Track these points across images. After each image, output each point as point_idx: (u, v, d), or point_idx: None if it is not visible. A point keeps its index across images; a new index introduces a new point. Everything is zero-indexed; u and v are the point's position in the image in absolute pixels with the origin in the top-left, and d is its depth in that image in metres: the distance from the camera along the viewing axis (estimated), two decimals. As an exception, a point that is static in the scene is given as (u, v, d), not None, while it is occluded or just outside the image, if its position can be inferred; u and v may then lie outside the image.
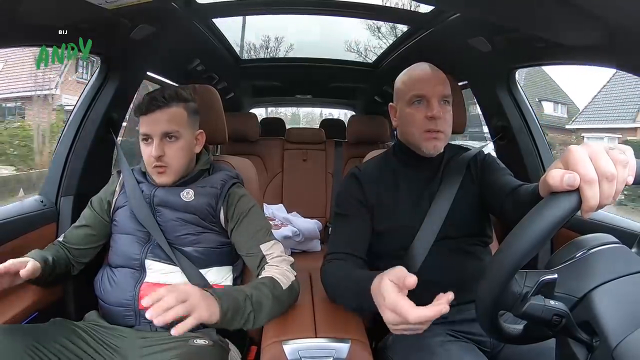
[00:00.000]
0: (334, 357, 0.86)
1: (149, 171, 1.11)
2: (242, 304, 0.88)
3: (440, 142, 1.04)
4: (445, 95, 1.03)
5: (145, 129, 1.07)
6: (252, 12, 1.71)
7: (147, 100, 1.07)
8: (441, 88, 1.03)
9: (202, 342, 0.99)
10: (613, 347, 0.46)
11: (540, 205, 0.50)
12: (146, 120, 1.07)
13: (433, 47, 1.63)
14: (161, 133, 1.06)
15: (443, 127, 1.03)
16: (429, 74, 1.04)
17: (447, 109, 1.04)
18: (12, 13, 0.89)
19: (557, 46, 1.10)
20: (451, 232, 1.01)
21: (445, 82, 1.04)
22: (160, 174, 1.09)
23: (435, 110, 1.01)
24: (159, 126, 1.06)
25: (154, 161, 1.07)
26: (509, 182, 0.98)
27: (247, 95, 3.31)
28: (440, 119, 1.02)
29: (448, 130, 1.05)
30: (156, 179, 1.10)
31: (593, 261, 0.54)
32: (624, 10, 0.78)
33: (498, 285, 0.51)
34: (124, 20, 1.17)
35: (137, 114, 1.08)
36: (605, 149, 0.49)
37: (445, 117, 1.03)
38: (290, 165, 2.57)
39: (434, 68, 1.06)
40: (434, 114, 1.00)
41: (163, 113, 1.06)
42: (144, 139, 1.08)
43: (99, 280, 1.11)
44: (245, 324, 0.89)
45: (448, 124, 1.04)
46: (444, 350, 0.88)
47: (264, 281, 0.96)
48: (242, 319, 0.88)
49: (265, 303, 0.91)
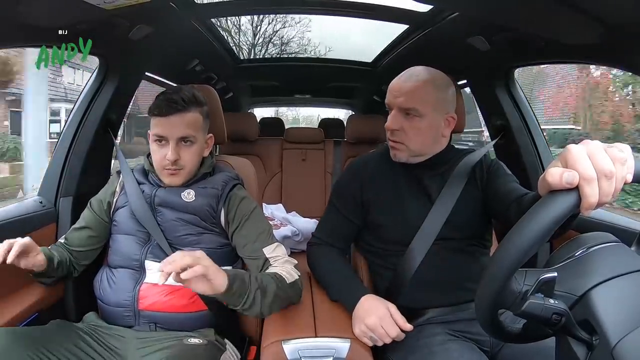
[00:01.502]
0: (334, 356, 0.86)
1: (159, 172, 1.10)
2: (247, 281, 0.88)
3: (400, 153, 1.05)
4: (405, 108, 1.01)
5: (160, 131, 1.05)
6: (250, 12, 1.71)
7: (165, 101, 1.04)
8: (401, 100, 1.01)
9: (196, 341, 1.00)
10: (613, 345, 0.46)
11: (540, 203, 0.50)
12: (162, 122, 1.04)
13: (432, 46, 1.63)
14: (178, 137, 1.05)
15: (400, 138, 1.03)
16: (398, 84, 1.03)
17: (412, 122, 1.02)
18: (12, 13, 0.89)
19: (556, 45, 1.10)
20: (452, 233, 1.02)
21: (411, 95, 1.00)
22: (172, 175, 1.08)
23: (389, 121, 1.03)
24: (176, 130, 1.04)
25: (168, 164, 1.06)
26: (515, 190, 0.97)
27: (246, 95, 3.31)
28: (396, 131, 1.02)
29: (412, 143, 1.03)
30: (166, 180, 1.10)
31: (593, 260, 0.55)
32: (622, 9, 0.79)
33: (498, 283, 0.52)
34: (123, 21, 1.16)
35: (153, 114, 1.05)
36: (604, 147, 0.49)
37: (406, 130, 1.02)
38: (289, 165, 2.57)
39: (413, 78, 1.02)
40: (386, 124, 1.03)
41: (181, 117, 1.05)
42: (158, 140, 1.06)
43: (98, 281, 1.11)
44: (251, 306, 0.88)
45: (408, 136, 1.02)
46: (443, 350, 0.88)
47: (268, 273, 0.97)
48: (247, 297, 0.87)
49: (269, 289, 0.91)
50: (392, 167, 1.09)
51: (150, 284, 1.05)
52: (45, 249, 1.02)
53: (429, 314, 1.01)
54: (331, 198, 1.16)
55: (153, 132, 1.06)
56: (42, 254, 0.98)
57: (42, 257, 0.98)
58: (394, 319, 0.90)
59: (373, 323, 0.89)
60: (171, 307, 1.05)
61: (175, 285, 1.05)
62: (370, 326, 0.89)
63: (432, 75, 1.02)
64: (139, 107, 8.50)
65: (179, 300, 1.05)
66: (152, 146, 1.08)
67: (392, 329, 0.89)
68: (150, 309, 1.04)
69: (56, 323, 1.01)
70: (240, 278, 0.86)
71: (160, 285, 1.05)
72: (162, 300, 1.04)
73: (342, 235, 1.14)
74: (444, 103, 1.03)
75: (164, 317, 1.05)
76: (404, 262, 1.01)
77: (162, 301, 1.04)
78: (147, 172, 1.16)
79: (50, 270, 1.02)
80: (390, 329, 0.89)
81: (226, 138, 1.32)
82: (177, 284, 1.05)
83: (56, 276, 1.05)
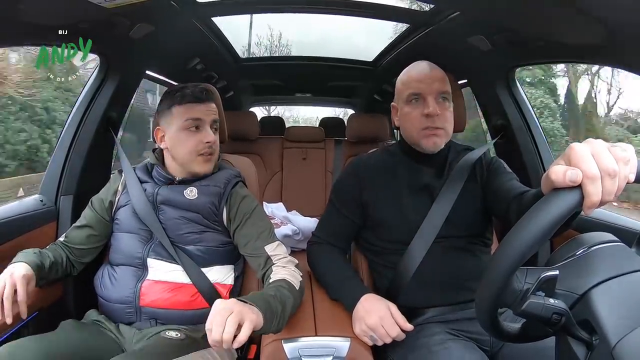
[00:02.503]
0: (334, 355, 0.86)
1: (191, 162, 1.10)
2: (273, 304, 0.84)
3: (439, 139, 1.04)
4: (442, 91, 1.03)
5: (197, 114, 1.09)
6: (251, 10, 1.71)
7: (197, 89, 1.11)
8: (438, 85, 1.03)
9: (174, 335, 1.01)
10: (612, 345, 0.46)
11: (543, 201, 0.50)
12: (198, 108, 1.09)
13: (432, 45, 1.63)
14: (212, 120, 1.11)
15: (442, 123, 1.03)
16: (426, 72, 1.04)
17: (446, 106, 1.04)
18: (12, 13, 0.89)
19: (557, 45, 1.10)
20: (452, 231, 1.02)
21: (443, 79, 1.04)
22: (207, 161, 1.11)
23: (431, 107, 1.01)
24: (212, 113, 1.11)
25: (204, 148, 1.08)
26: (515, 187, 0.97)
27: (247, 94, 3.31)
28: (437, 116, 1.02)
29: (448, 127, 1.05)
30: (201, 168, 1.11)
31: (593, 259, 0.55)
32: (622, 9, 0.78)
33: (500, 280, 0.51)
34: (123, 19, 1.16)
35: (186, 102, 1.09)
36: (607, 146, 0.49)
37: (444, 114, 1.03)
38: (290, 164, 2.57)
39: (432, 66, 1.06)
40: (429, 111, 1.01)
41: (211, 105, 1.13)
42: (194, 125, 1.08)
43: (99, 278, 1.11)
44: (278, 325, 0.85)
45: (447, 120, 1.04)
46: (443, 349, 0.88)
47: (280, 283, 0.95)
48: (276, 319, 0.83)
49: (287, 303, 0.89)
50: (392, 166, 1.09)
51: (152, 281, 1.06)
52: (33, 255, 0.99)
53: (429, 313, 1.01)
54: (331, 197, 1.16)
55: (187, 118, 1.08)
56: (23, 279, 0.91)
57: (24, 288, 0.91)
58: (394, 319, 0.91)
59: (374, 323, 0.89)
60: (173, 304, 1.05)
61: (177, 282, 1.06)
62: (370, 326, 0.89)
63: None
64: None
65: (181, 297, 1.05)
66: (182, 135, 1.09)
67: (393, 328, 0.89)
68: (151, 305, 1.04)
69: (64, 325, 1.01)
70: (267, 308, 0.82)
71: (162, 283, 1.05)
72: (164, 297, 1.05)
73: (342, 234, 1.14)
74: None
75: (166, 314, 1.05)
76: (404, 261, 1.01)
77: (164, 298, 1.05)
78: (150, 169, 1.16)
79: (42, 275, 0.99)
80: (390, 328, 0.89)
81: (227, 137, 1.32)
82: (180, 281, 1.06)
83: (48, 279, 1.02)
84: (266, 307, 0.81)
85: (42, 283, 1.02)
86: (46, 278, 1.01)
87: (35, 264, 0.97)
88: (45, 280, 1.01)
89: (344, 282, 1.03)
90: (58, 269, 1.06)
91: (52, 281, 1.06)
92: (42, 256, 1.01)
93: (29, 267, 0.94)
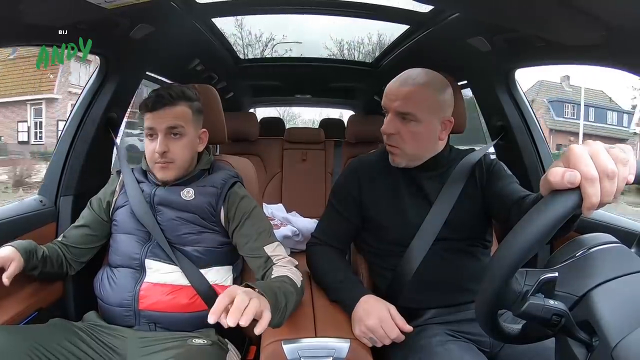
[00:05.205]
0: (334, 356, 0.85)
1: (151, 167, 1.11)
2: (279, 297, 0.84)
3: (397, 157, 1.04)
4: (400, 112, 1.00)
5: (150, 123, 1.08)
6: (251, 11, 1.71)
7: (154, 96, 1.08)
8: (398, 104, 1.00)
9: (201, 342, 1.00)
10: (612, 346, 0.46)
11: (542, 203, 0.50)
12: (152, 116, 1.08)
13: (432, 46, 1.63)
14: (166, 128, 1.07)
15: (396, 142, 1.02)
16: (394, 88, 1.02)
17: (409, 127, 1.00)
18: (12, 13, 0.89)
19: (557, 46, 1.10)
20: (451, 233, 1.01)
21: (408, 98, 0.99)
22: (163, 168, 1.09)
23: (385, 125, 1.02)
24: (164, 121, 1.07)
25: (157, 157, 1.07)
26: (516, 191, 0.97)
27: (247, 95, 3.31)
28: (392, 135, 1.02)
29: (407, 148, 1.02)
30: (158, 175, 1.10)
31: (593, 260, 0.54)
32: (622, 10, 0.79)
33: (499, 282, 0.51)
34: (124, 20, 1.16)
35: (143, 110, 1.09)
36: (606, 147, 0.49)
37: (402, 134, 1.01)
38: (290, 165, 2.57)
39: (410, 81, 1.00)
40: (382, 128, 1.02)
41: (169, 110, 1.08)
42: (149, 134, 1.09)
43: (98, 280, 1.11)
44: (279, 320, 0.84)
45: (406, 141, 1.01)
46: (443, 350, 0.88)
47: (284, 279, 0.95)
48: (279, 313, 0.83)
49: (290, 299, 0.89)
50: (391, 168, 1.09)
51: (151, 283, 1.05)
52: (24, 242, 1.00)
53: (429, 314, 1.01)
54: (330, 198, 1.16)
55: (145, 128, 1.09)
56: (18, 256, 0.96)
57: (18, 260, 0.95)
58: (394, 320, 0.90)
59: (373, 324, 0.89)
60: (172, 306, 1.05)
61: (176, 284, 1.06)
62: (370, 327, 0.89)
63: (429, 79, 1.01)
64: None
65: (180, 300, 1.05)
66: (145, 142, 1.10)
67: (392, 330, 0.89)
68: (150, 308, 1.04)
69: (55, 322, 1.01)
70: (274, 297, 0.82)
71: (161, 285, 1.05)
72: (163, 300, 1.04)
73: (341, 236, 1.14)
74: (441, 106, 1.02)
75: (165, 317, 1.05)
76: (403, 263, 1.01)
77: (163, 301, 1.04)
78: (145, 172, 1.16)
79: (34, 264, 1.00)
80: (390, 330, 0.89)
81: (227, 138, 1.32)
82: (178, 283, 1.06)
83: (43, 270, 1.03)
84: (274, 299, 0.81)
85: (36, 273, 1.03)
86: (39, 268, 1.02)
87: (23, 247, 0.98)
88: (38, 270, 1.02)
89: (343, 283, 1.02)
90: (53, 263, 1.07)
91: (47, 275, 1.07)
92: (35, 246, 1.02)
93: (14, 250, 0.96)
